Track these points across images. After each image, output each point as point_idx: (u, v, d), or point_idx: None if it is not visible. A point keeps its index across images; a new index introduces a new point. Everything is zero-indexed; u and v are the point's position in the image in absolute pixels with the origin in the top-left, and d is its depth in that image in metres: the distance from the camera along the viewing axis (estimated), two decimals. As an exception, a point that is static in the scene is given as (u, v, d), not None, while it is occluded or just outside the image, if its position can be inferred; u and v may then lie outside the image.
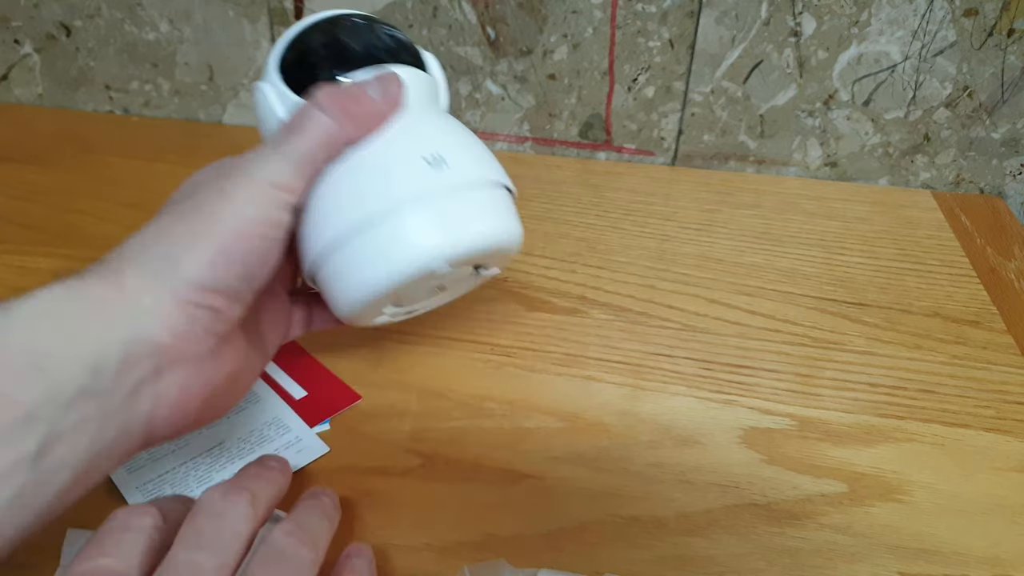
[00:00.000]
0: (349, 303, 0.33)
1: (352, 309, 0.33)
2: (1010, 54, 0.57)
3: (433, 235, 0.31)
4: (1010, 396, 0.43)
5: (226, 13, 0.65)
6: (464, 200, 0.32)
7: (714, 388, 0.43)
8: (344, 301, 0.33)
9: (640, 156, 0.66)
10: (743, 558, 0.34)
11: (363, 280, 0.31)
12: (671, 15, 0.60)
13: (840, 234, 0.57)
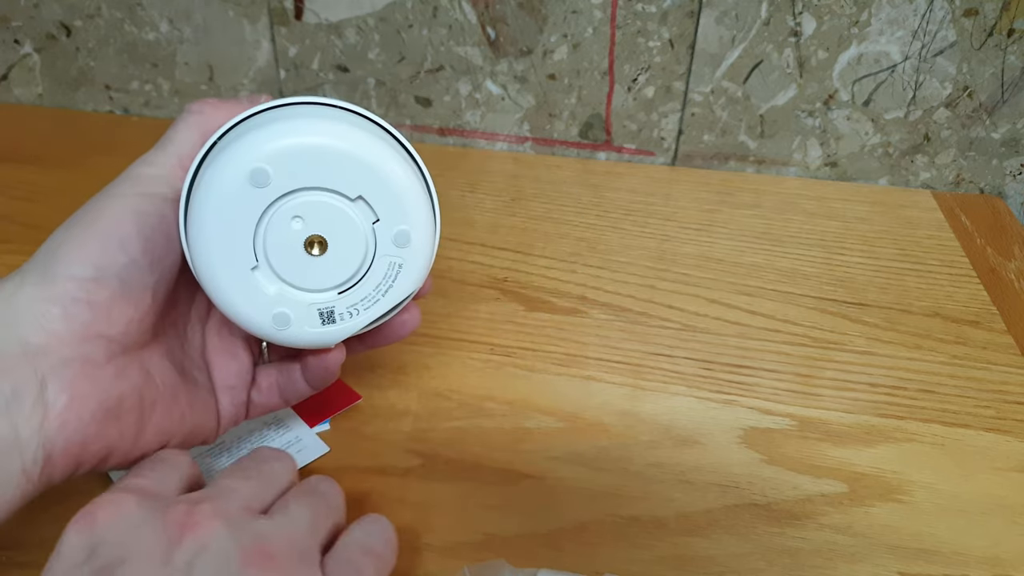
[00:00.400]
0: (200, 252, 0.28)
1: (206, 259, 0.28)
2: (1010, 54, 0.57)
3: (240, 144, 0.28)
4: (1010, 396, 0.43)
5: (226, 13, 0.65)
6: (276, 113, 0.29)
7: (714, 388, 0.43)
8: (196, 250, 0.28)
9: (640, 156, 0.66)
10: (743, 558, 0.34)
11: (196, 213, 0.28)
12: (671, 15, 0.60)
13: (840, 234, 0.57)
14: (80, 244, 0.27)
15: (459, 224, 0.57)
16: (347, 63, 0.65)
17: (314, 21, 0.64)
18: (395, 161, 0.29)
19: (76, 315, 0.26)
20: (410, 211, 0.29)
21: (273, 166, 0.27)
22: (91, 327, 0.26)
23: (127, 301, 0.27)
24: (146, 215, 0.28)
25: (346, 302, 0.30)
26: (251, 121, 0.29)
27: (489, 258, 0.53)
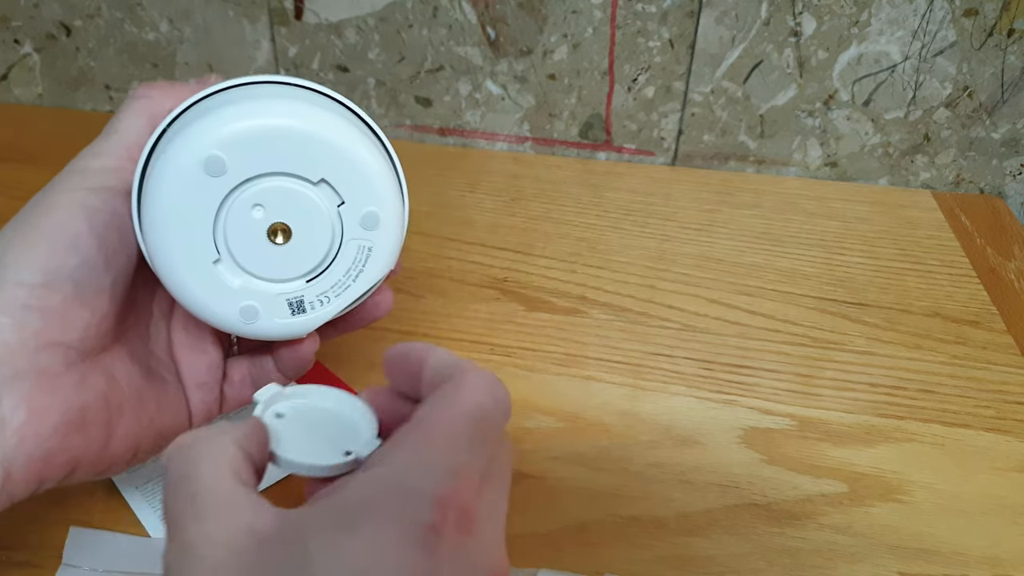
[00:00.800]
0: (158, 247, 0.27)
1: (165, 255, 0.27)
2: (1010, 54, 0.57)
3: (192, 130, 0.26)
4: (1010, 396, 0.43)
5: (226, 13, 0.65)
6: (228, 95, 0.27)
7: (714, 388, 0.43)
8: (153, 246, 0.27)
9: (640, 156, 0.66)
10: (743, 558, 0.34)
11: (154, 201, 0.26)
12: (671, 15, 0.60)
13: (840, 234, 0.57)
14: (27, 246, 0.25)
15: (459, 224, 0.57)
16: (347, 63, 0.65)
17: (314, 21, 0.64)
18: (357, 140, 0.27)
19: (27, 323, 0.24)
20: (377, 191, 0.28)
21: (228, 153, 0.25)
22: (45, 335, 0.25)
23: (82, 305, 0.26)
24: (96, 211, 0.26)
25: (315, 290, 0.29)
26: (202, 105, 0.27)
27: (489, 258, 0.53)
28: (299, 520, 0.20)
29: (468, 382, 0.22)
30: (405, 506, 0.19)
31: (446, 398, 0.22)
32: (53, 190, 0.26)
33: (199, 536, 0.19)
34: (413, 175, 0.64)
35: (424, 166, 0.65)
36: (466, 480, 0.20)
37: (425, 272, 0.51)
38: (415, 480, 0.20)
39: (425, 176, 0.63)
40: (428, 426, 0.21)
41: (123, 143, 0.27)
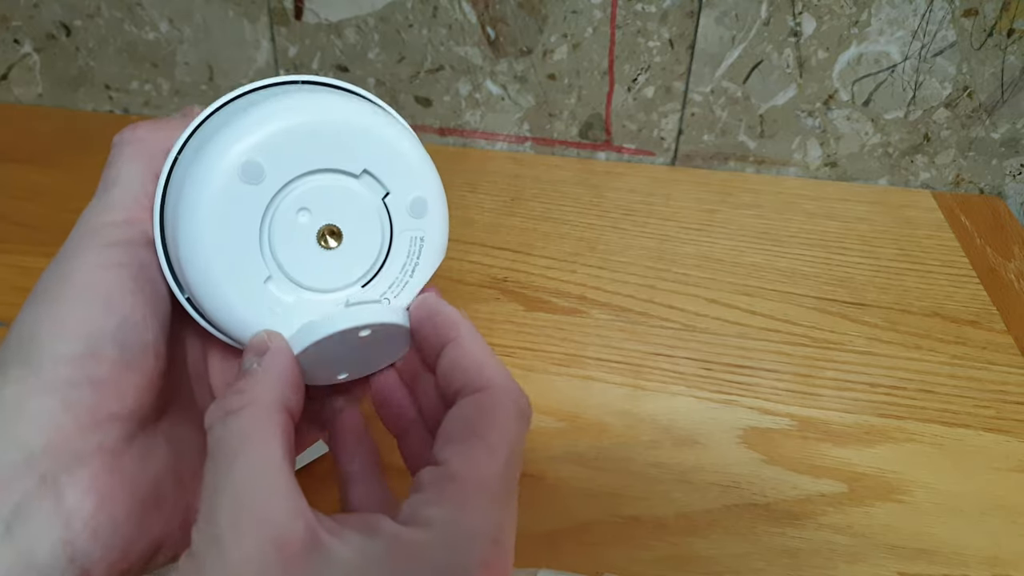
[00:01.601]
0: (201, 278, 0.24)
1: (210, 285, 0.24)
2: (1010, 54, 0.57)
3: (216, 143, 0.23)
4: (1010, 396, 0.43)
5: (226, 13, 0.65)
6: (242, 104, 0.25)
7: (714, 388, 0.43)
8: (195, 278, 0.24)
9: (640, 156, 0.66)
10: (743, 558, 0.34)
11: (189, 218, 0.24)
12: (671, 15, 0.60)
13: (840, 234, 0.57)
14: (59, 318, 0.22)
15: (459, 224, 0.57)
16: (347, 63, 0.65)
17: (314, 21, 0.64)
18: (390, 125, 0.25)
19: (79, 400, 0.22)
20: (421, 175, 0.26)
21: (264, 156, 0.23)
22: (100, 409, 0.22)
23: (131, 368, 0.23)
24: (122, 266, 0.24)
25: (373, 293, 0.26)
26: (208, 126, 0.25)
27: (489, 258, 0.53)
28: (328, 555, 0.19)
29: (499, 417, 0.21)
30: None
31: (477, 441, 0.21)
32: (68, 256, 0.24)
33: (231, 534, 0.19)
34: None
35: (424, 166, 0.64)
36: (505, 545, 0.20)
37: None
38: (450, 554, 0.19)
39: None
40: (462, 484, 0.20)
41: (128, 193, 0.25)
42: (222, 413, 0.21)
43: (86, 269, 0.23)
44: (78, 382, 0.22)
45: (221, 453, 0.20)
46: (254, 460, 0.20)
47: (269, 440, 0.20)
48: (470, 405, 0.22)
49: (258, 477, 0.20)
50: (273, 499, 0.19)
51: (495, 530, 0.20)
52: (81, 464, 0.21)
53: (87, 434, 0.22)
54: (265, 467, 0.20)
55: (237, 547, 0.19)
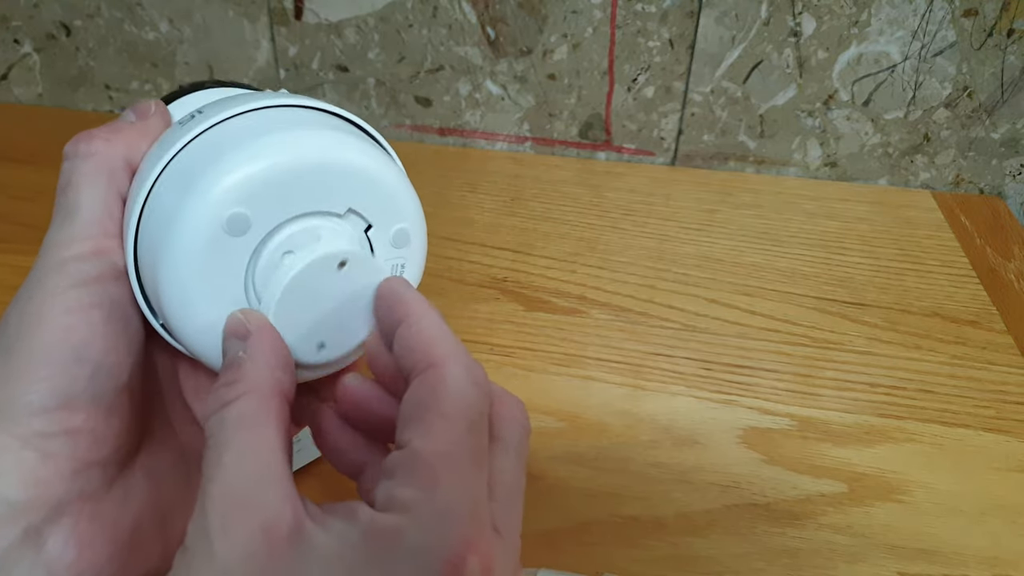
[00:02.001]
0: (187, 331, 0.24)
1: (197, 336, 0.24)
2: (1010, 54, 0.57)
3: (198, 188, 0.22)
4: (1010, 396, 0.43)
5: (226, 13, 0.65)
6: (222, 133, 0.24)
7: (714, 388, 0.43)
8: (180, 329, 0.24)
9: (640, 156, 0.66)
10: (743, 558, 0.34)
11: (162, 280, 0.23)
12: (671, 15, 0.60)
13: (840, 234, 0.57)
14: (30, 370, 0.22)
15: (459, 224, 0.57)
16: (347, 63, 0.65)
17: (314, 21, 0.64)
18: (374, 157, 0.25)
19: (58, 451, 0.22)
20: (403, 207, 0.26)
21: (251, 207, 0.22)
22: (79, 458, 0.22)
23: (108, 414, 0.23)
24: (92, 307, 0.23)
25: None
26: (185, 160, 0.23)
27: (489, 258, 0.53)
28: (311, 542, 0.19)
29: (451, 387, 0.21)
30: (416, 568, 0.18)
31: (431, 415, 0.20)
32: (34, 299, 0.23)
33: (218, 524, 0.19)
34: (413, 175, 0.64)
35: (424, 166, 0.65)
36: (480, 525, 0.19)
37: (425, 272, 0.51)
38: (426, 536, 0.19)
39: (425, 176, 0.63)
40: (426, 459, 0.20)
41: (93, 220, 0.23)
42: (217, 406, 0.21)
43: (55, 314, 0.22)
44: (55, 434, 0.22)
45: (215, 445, 0.20)
46: (245, 447, 0.20)
47: (263, 427, 0.20)
48: (421, 383, 0.21)
49: (249, 464, 0.19)
50: (262, 485, 0.19)
51: (471, 504, 0.19)
52: (63, 513, 0.22)
53: (68, 483, 0.22)
54: (256, 453, 0.20)
55: (224, 534, 0.18)
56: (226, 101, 0.25)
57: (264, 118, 0.24)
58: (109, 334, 0.23)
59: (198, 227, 0.22)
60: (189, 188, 0.22)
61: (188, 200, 0.22)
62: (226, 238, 0.22)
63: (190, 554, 0.19)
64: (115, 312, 0.23)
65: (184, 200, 0.22)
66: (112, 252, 0.24)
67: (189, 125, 0.24)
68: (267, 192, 0.22)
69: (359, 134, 0.26)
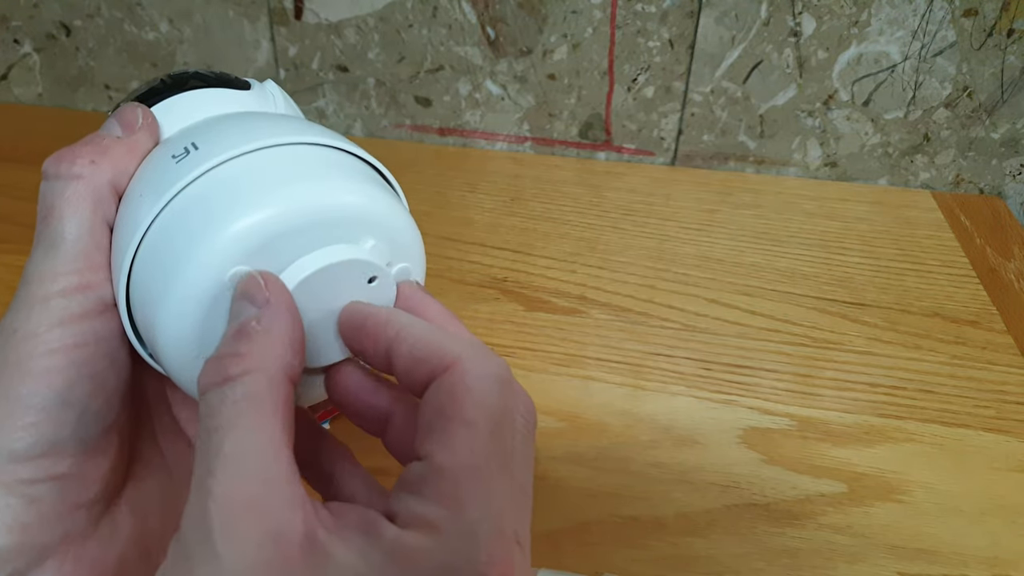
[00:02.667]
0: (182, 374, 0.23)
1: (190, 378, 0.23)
2: (1010, 54, 0.57)
3: (201, 242, 0.22)
4: (1010, 396, 0.43)
5: (226, 13, 0.65)
6: (224, 178, 0.23)
7: (714, 388, 0.43)
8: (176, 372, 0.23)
9: (640, 156, 0.66)
10: (743, 558, 0.34)
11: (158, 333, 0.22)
12: (671, 15, 0.60)
13: (840, 234, 0.57)
14: (14, 416, 0.21)
15: (459, 224, 0.57)
16: (347, 63, 0.65)
17: (314, 21, 0.64)
18: (377, 198, 0.24)
19: (43, 496, 0.21)
20: (410, 247, 0.25)
21: (253, 263, 0.22)
22: (64, 502, 0.21)
23: (95, 455, 0.22)
24: (77, 347, 0.22)
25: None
26: (185, 200, 0.22)
27: (489, 258, 0.53)
28: (328, 558, 0.18)
29: (472, 389, 0.19)
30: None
31: (452, 423, 0.19)
32: (18, 337, 0.21)
33: (224, 528, 0.17)
34: (413, 175, 0.64)
35: (424, 166, 0.65)
36: (506, 542, 0.19)
37: (425, 272, 0.51)
38: (452, 555, 0.18)
39: (425, 176, 0.63)
40: (448, 473, 0.19)
41: (78, 251, 0.22)
42: (219, 379, 0.19)
43: (39, 356, 0.21)
44: (41, 480, 0.21)
45: (215, 427, 0.18)
46: (252, 440, 0.18)
47: (270, 416, 0.19)
48: (439, 389, 0.20)
49: (255, 458, 0.18)
50: (272, 485, 0.18)
51: (497, 519, 0.18)
52: (47, 557, 0.21)
53: (53, 528, 0.21)
54: (264, 448, 0.18)
55: (230, 538, 0.17)
56: (221, 129, 0.24)
57: (260, 164, 0.23)
58: (96, 374, 0.22)
59: (200, 284, 0.21)
60: (192, 241, 0.21)
61: (191, 255, 0.21)
62: (228, 293, 0.22)
63: (189, 550, 0.18)
64: (101, 350, 0.22)
65: (188, 254, 0.21)
66: (99, 286, 0.22)
67: (185, 164, 0.23)
68: (269, 247, 0.22)
69: (364, 170, 0.25)
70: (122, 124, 0.24)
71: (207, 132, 0.24)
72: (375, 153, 0.27)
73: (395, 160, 0.74)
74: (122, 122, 0.24)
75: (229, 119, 0.25)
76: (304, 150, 0.24)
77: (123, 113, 0.24)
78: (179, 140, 0.24)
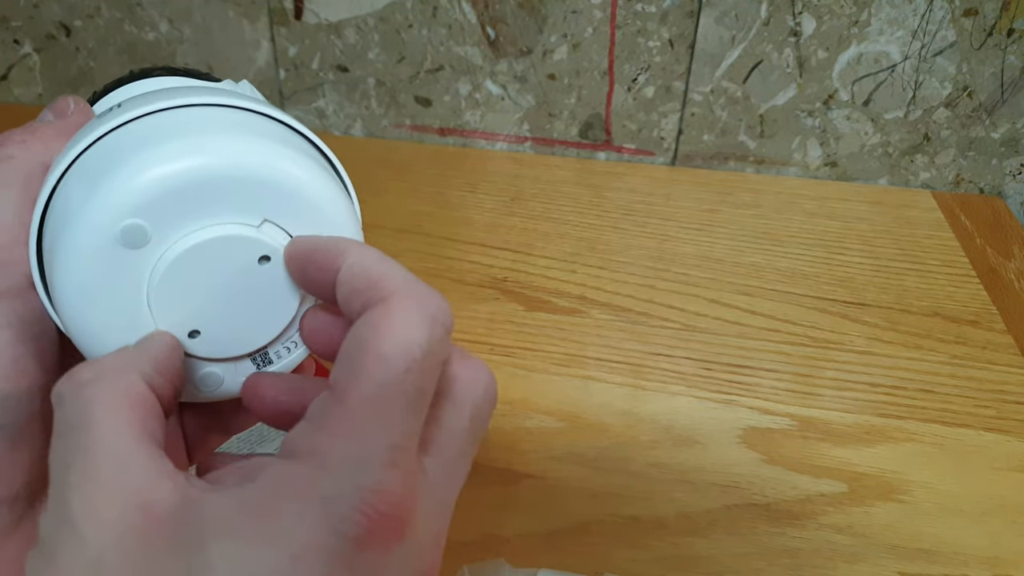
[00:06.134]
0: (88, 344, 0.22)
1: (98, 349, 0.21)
2: (1010, 54, 0.57)
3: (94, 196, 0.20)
4: (1010, 396, 0.43)
5: (226, 13, 0.65)
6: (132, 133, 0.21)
7: (714, 388, 0.43)
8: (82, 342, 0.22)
9: (640, 156, 0.66)
10: (743, 558, 0.34)
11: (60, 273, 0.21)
12: (671, 15, 0.60)
13: (840, 234, 0.57)
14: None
15: (459, 224, 0.57)
16: (347, 63, 0.65)
17: (314, 21, 0.64)
18: (299, 165, 0.22)
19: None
20: (331, 218, 0.23)
21: (149, 217, 0.20)
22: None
23: (19, 446, 0.21)
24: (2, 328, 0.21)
25: (281, 338, 0.24)
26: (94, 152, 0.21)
27: (489, 258, 0.53)
28: (201, 507, 0.17)
29: (395, 323, 0.18)
30: (326, 517, 0.16)
31: (367, 355, 0.18)
32: None
33: (84, 509, 0.16)
34: (413, 175, 0.64)
35: (424, 166, 0.65)
36: (401, 474, 0.17)
37: (425, 272, 0.51)
38: (337, 483, 0.17)
39: (425, 176, 0.63)
40: (349, 402, 0.17)
41: (2, 229, 0.21)
42: (74, 385, 0.18)
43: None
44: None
45: (68, 426, 0.18)
46: (107, 427, 0.17)
47: (124, 410, 0.18)
48: (364, 321, 0.18)
49: (112, 444, 0.17)
50: (131, 463, 0.17)
51: (388, 450, 0.17)
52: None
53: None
54: (119, 433, 0.17)
55: (93, 517, 0.16)
56: (151, 95, 0.23)
57: (181, 118, 0.22)
58: (19, 357, 0.21)
59: (90, 237, 0.20)
60: (88, 192, 0.20)
61: (84, 206, 0.20)
62: (121, 250, 0.20)
63: (49, 548, 0.17)
64: (25, 331, 0.21)
65: (81, 205, 0.20)
66: (20, 262, 0.21)
67: (103, 119, 0.22)
68: (169, 202, 0.20)
69: (293, 140, 0.23)
70: (55, 112, 0.24)
71: (138, 98, 0.23)
72: (375, 153, 0.26)
73: (395, 160, 0.74)
74: (55, 110, 0.24)
75: (169, 89, 0.24)
76: (227, 113, 0.23)
77: (55, 103, 0.25)
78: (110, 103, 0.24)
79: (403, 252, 0.53)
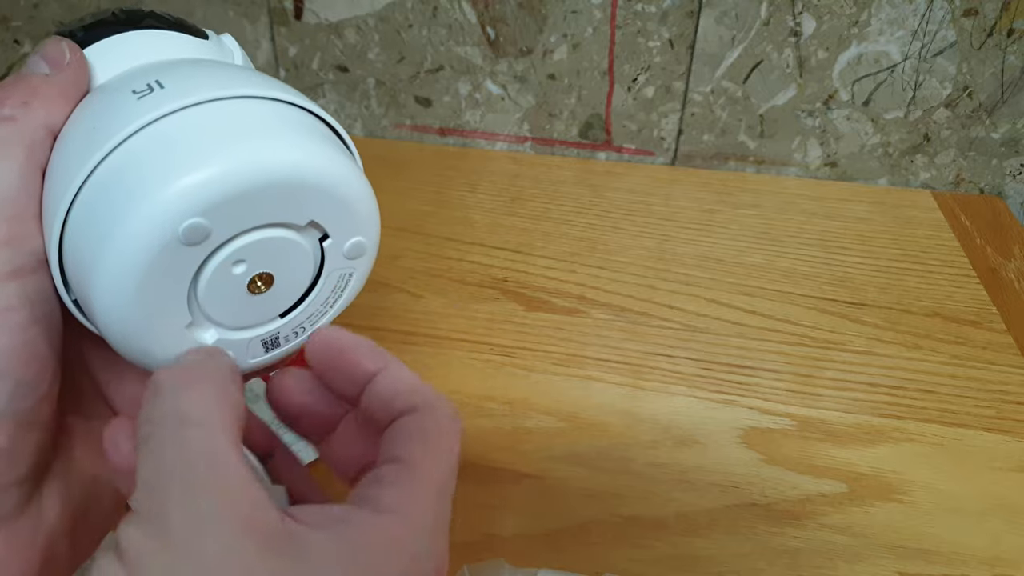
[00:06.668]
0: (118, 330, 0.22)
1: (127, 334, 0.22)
2: (1010, 54, 0.57)
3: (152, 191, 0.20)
4: (1010, 396, 0.43)
5: (226, 13, 0.65)
6: (184, 126, 0.21)
7: (714, 388, 0.43)
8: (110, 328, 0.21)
9: (640, 156, 0.66)
10: (743, 558, 0.34)
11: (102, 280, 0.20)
12: (671, 15, 0.60)
13: (840, 234, 0.57)
14: None
15: (459, 224, 0.57)
16: (347, 63, 0.65)
17: (314, 21, 0.64)
18: (342, 165, 0.23)
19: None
20: (364, 219, 0.24)
21: (211, 218, 0.20)
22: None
23: (29, 429, 0.21)
24: (9, 311, 0.20)
25: (291, 324, 0.25)
26: (142, 139, 0.21)
27: (489, 258, 0.53)
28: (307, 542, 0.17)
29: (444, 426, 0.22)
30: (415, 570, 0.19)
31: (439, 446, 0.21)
32: None
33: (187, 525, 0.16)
34: (413, 175, 0.64)
35: (424, 166, 0.65)
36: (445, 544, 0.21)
37: (425, 272, 0.51)
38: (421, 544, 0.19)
39: (425, 176, 0.63)
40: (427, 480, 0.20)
41: (8, 201, 0.20)
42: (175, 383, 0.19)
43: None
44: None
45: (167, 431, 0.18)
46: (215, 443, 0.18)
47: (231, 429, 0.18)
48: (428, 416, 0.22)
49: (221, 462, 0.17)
50: (239, 485, 0.17)
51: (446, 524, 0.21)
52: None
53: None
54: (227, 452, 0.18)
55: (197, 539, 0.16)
56: (190, 76, 0.23)
57: (232, 113, 0.22)
58: (30, 341, 0.20)
59: (151, 235, 0.20)
60: (143, 188, 0.20)
61: (141, 203, 0.20)
62: (181, 248, 0.20)
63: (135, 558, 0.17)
64: (36, 312, 0.20)
65: (136, 202, 0.20)
66: (30, 238, 0.20)
67: (147, 101, 0.21)
68: (230, 203, 0.20)
69: (325, 133, 0.24)
70: (48, 61, 0.22)
71: (172, 73, 0.23)
72: (375, 153, 0.27)
73: (395, 160, 0.74)
74: (48, 59, 0.22)
75: (194, 64, 0.24)
76: (269, 107, 0.23)
77: (47, 49, 0.22)
78: (139, 76, 0.23)
79: (403, 252, 0.53)
